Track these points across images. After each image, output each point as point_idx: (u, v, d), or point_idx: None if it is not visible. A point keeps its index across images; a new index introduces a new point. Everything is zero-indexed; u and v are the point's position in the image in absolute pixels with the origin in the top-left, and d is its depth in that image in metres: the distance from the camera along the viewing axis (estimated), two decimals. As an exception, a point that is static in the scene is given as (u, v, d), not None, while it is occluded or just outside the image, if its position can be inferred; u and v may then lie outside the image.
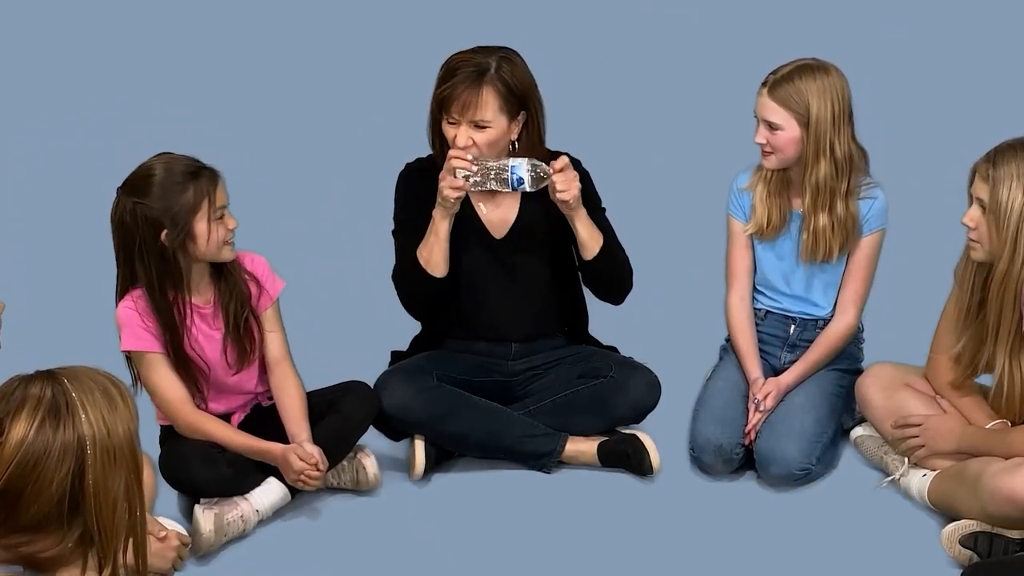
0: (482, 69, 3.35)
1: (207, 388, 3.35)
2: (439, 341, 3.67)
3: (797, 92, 3.39)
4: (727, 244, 3.67)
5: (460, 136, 3.37)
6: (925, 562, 3.19)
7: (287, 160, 5.21)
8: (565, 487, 3.52)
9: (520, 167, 3.31)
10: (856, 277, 3.58)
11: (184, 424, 3.31)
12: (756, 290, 3.69)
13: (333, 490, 3.47)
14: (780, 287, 3.65)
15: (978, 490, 3.13)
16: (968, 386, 3.38)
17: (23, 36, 6.26)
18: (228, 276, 3.32)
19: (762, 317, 3.69)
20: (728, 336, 3.71)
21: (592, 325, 3.73)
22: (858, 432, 3.63)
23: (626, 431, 3.60)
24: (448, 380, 3.57)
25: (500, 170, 3.32)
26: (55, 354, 2.26)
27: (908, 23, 6.18)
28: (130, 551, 2.07)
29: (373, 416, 3.48)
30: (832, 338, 3.61)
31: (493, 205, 3.53)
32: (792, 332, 3.67)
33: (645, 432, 3.57)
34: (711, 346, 3.80)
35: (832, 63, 3.45)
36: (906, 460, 3.43)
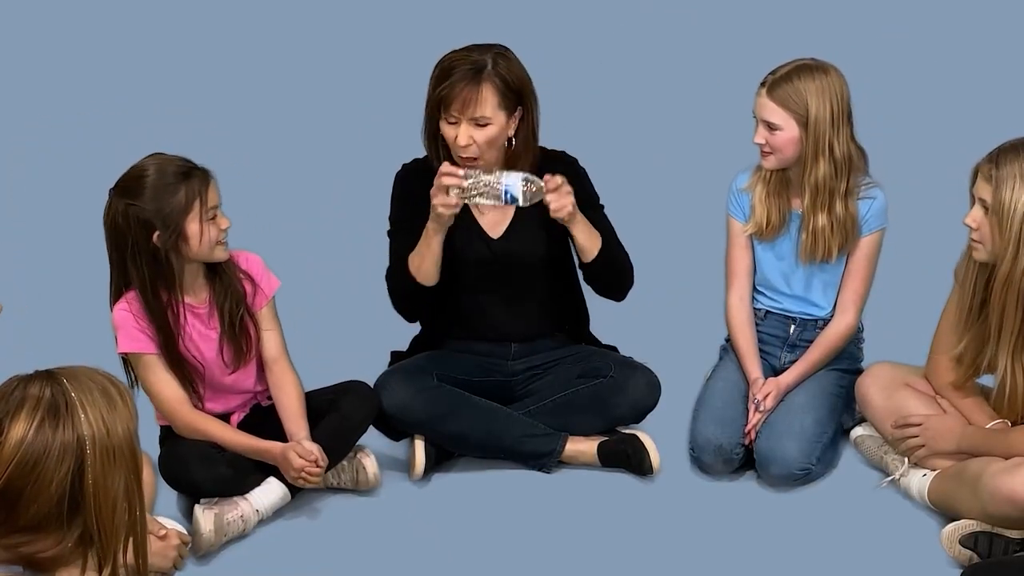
0: (479, 66, 3.35)
1: (203, 388, 3.34)
2: (439, 341, 3.66)
3: (796, 92, 3.39)
4: (727, 244, 3.67)
5: (461, 135, 3.36)
6: (925, 562, 3.19)
7: (288, 160, 5.21)
8: (565, 487, 3.52)
9: (513, 184, 3.27)
10: (856, 277, 3.58)
11: (183, 424, 3.31)
12: (756, 290, 3.69)
13: (333, 490, 3.47)
14: (780, 287, 3.65)
15: (978, 490, 3.13)
16: (969, 387, 3.38)
17: (23, 36, 6.26)
18: (223, 275, 3.32)
19: (762, 317, 3.69)
20: (728, 336, 3.71)
21: (592, 325, 3.73)
22: (858, 432, 3.63)
23: (626, 431, 3.60)
24: (448, 380, 3.57)
25: (493, 185, 3.29)
26: (55, 354, 2.26)
27: (908, 23, 6.18)
28: (130, 551, 2.07)
29: (373, 416, 3.48)
30: (832, 338, 3.61)
31: (490, 204, 3.53)
32: (792, 332, 3.67)
33: (645, 432, 3.57)
34: (711, 346, 3.79)
35: (831, 63, 3.45)
36: (906, 460, 3.43)
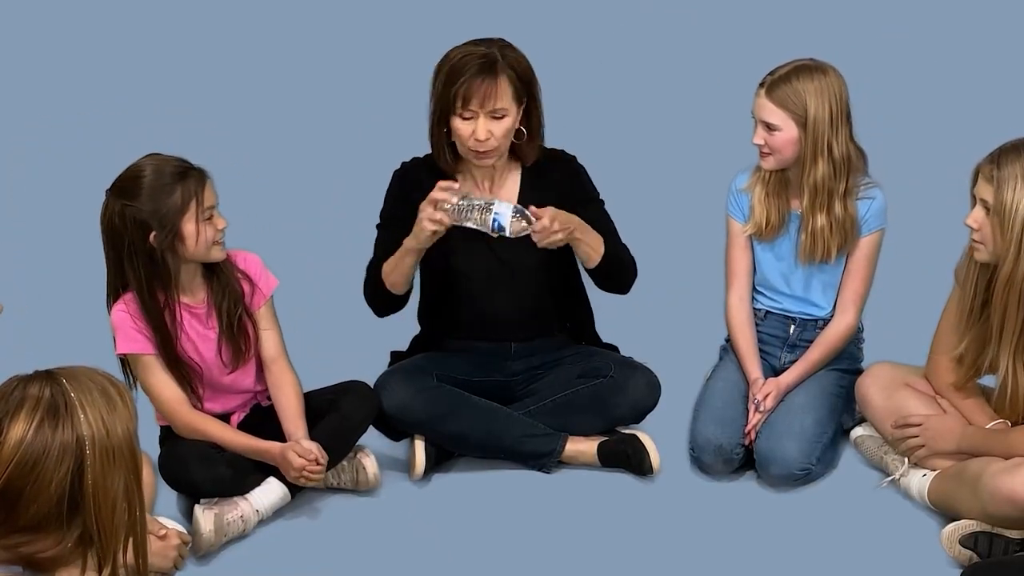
0: (491, 59, 3.34)
1: (202, 388, 3.34)
2: (439, 341, 3.66)
3: (795, 93, 3.39)
4: (726, 244, 3.67)
5: (480, 129, 3.33)
6: (925, 562, 3.19)
7: (287, 159, 5.21)
8: (565, 487, 3.52)
9: (503, 213, 3.25)
10: (855, 277, 3.58)
11: (182, 425, 3.31)
12: (756, 290, 3.69)
13: (333, 490, 3.47)
14: (779, 287, 3.65)
15: (978, 490, 3.13)
16: (970, 387, 3.37)
17: (23, 36, 6.26)
18: (220, 275, 3.31)
19: (762, 317, 3.69)
20: (728, 336, 3.71)
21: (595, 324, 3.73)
22: (858, 432, 3.63)
23: (626, 431, 3.60)
24: (448, 380, 3.57)
25: (483, 211, 3.26)
26: (54, 354, 2.26)
27: (908, 23, 6.18)
28: (130, 551, 2.07)
29: (373, 416, 3.48)
30: (832, 338, 3.61)
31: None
32: (792, 332, 3.67)
33: (645, 432, 3.57)
34: (711, 346, 3.79)
35: (830, 63, 3.44)
36: (906, 460, 3.43)
